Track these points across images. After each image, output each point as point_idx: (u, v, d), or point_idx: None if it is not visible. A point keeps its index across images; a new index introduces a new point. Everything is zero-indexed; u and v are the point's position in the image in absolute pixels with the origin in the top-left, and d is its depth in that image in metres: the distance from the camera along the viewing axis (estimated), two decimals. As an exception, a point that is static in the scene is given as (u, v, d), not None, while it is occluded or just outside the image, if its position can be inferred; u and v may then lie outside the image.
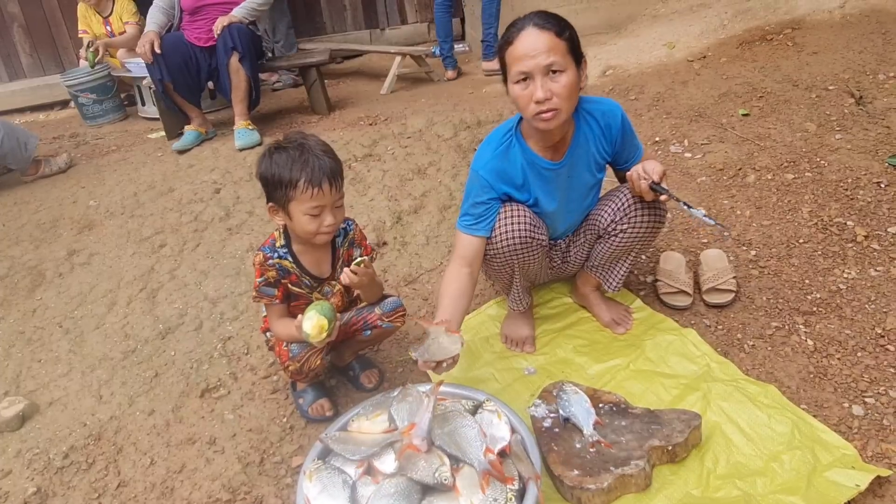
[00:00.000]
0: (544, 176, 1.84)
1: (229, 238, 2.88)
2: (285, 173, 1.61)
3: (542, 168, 1.83)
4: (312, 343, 1.63)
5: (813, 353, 1.91)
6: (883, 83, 3.17)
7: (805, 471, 1.53)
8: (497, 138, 1.84)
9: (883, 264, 2.18)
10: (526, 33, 1.63)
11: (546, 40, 1.61)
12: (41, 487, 1.80)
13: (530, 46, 1.61)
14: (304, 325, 1.59)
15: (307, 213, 1.63)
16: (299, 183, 1.59)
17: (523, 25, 1.64)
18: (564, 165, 1.83)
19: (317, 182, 1.60)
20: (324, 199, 1.62)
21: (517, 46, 1.64)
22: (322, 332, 1.59)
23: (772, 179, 2.71)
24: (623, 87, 3.80)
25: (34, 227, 3.13)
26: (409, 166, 3.24)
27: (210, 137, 3.89)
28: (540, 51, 1.60)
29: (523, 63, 1.62)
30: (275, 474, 1.77)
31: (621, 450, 1.59)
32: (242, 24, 3.62)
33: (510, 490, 1.42)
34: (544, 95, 1.61)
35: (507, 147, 1.81)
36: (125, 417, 2.02)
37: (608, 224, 1.91)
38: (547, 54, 1.60)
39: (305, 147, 1.64)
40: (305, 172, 1.59)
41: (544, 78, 1.62)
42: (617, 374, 1.93)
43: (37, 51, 5.61)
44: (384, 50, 5.28)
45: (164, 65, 3.57)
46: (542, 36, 1.61)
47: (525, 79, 1.63)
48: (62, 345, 2.36)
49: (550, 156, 1.82)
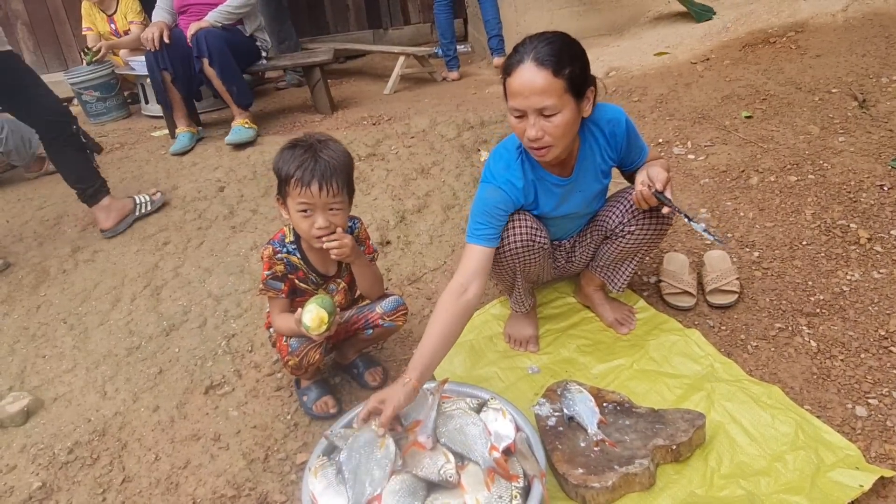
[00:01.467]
0: (553, 192, 1.84)
1: (233, 236, 2.88)
2: (285, 168, 1.65)
3: (551, 184, 1.83)
4: (311, 336, 1.64)
5: (816, 354, 1.92)
6: (886, 86, 3.18)
7: (809, 471, 1.54)
8: (510, 154, 1.81)
9: (886, 267, 2.19)
10: (523, 68, 1.56)
11: (542, 80, 1.54)
12: (46, 482, 1.80)
13: (525, 84, 1.56)
14: (304, 318, 1.61)
15: (298, 210, 1.66)
16: (292, 179, 1.63)
17: (522, 57, 1.57)
18: (572, 181, 1.84)
19: (306, 182, 1.61)
20: (312, 199, 1.63)
21: (514, 79, 1.59)
22: (321, 324, 1.60)
23: (775, 181, 2.72)
24: (626, 88, 3.81)
25: (38, 223, 3.13)
26: (413, 166, 3.25)
27: (199, 138, 3.89)
28: (534, 91, 1.55)
29: (517, 100, 1.59)
30: (279, 471, 1.78)
31: (625, 449, 1.59)
32: (215, 27, 3.61)
33: (515, 487, 1.43)
34: (536, 135, 1.60)
35: (521, 164, 1.80)
36: (129, 413, 2.02)
37: (616, 225, 1.92)
38: (540, 97, 1.55)
39: (313, 147, 1.66)
40: (300, 170, 1.62)
41: (537, 117, 1.59)
42: (620, 374, 1.93)
43: (40, 48, 5.62)
44: (387, 50, 5.29)
45: (167, 55, 3.58)
46: (538, 75, 1.54)
47: (520, 115, 1.62)
48: (66, 341, 2.37)
49: (558, 172, 1.81)
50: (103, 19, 4.75)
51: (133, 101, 5.02)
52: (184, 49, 3.65)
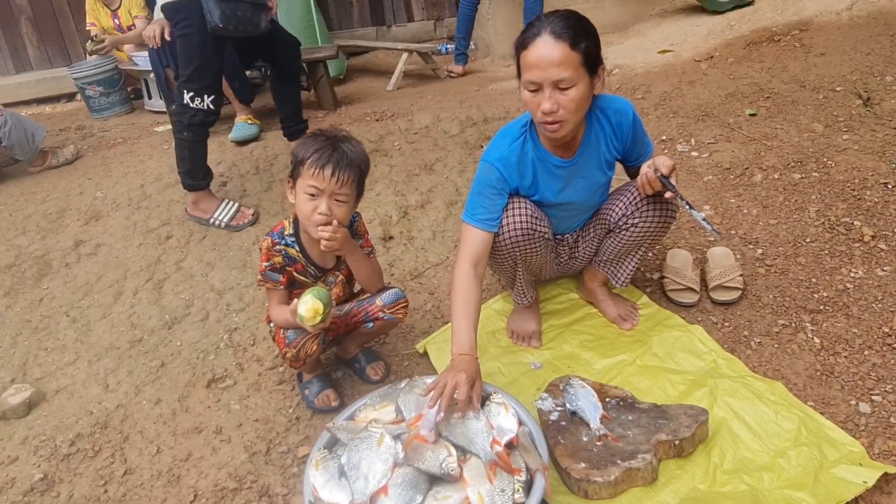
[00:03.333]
0: (554, 174, 1.84)
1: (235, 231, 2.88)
2: (303, 151, 1.70)
3: (552, 165, 1.83)
4: (306, 327, 1.64)
5: (820, 350, 1.91)
6: (890, 85, 3.17)
7: (812, 467, 1.53)
8: (513, 132, 1.83)
9: (890, 264, 2.18)
10: (541, 41, 1.57)
11: (559, 52, 1.55)
12: (48, 474, 1.80)
13: (543, 57, 1.57)
14: (299, 308, 1.61)
15: (306, 191, 1.68)
16: (308, 160, 1.67)
17: (539, 31, 1.58)
18: (574, 164, 1.83)
19: (321, 164, 1.66)
20: (322, 183, 1.66)
21: (530, 52, 1.60)
22: (317, 315, 1.61)
23: (779, 179, 2.71)
24: (630, 86, 3.80)
25: (41, 217, 3.13)
26: (416, 162, 3.25)
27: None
28: (551, 63, 1.56)
29: (534, 73, 1.60)
30: (281, 464, 1.78)
31: (628, 444, 1.59)
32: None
33: (517, 481, 1.43)
34: (551, 108, 1.61)
35: (523, 142, 1.81)
36: (131, 406, 2.02)
37: (619, 218, 1.91)
38: (558, 68, 1.56)
39: (335, 138, 1.72)
40: (317, 153, 1.67)
41: (553, 90, 1.59)
42: (623, 370, 1.93)
43: (44, 43, 5.62)
44: (391, 46, 5.29)
45: (169, 52, 3.58)
46: (556, 47, 1.55)
47: (535, 88, 1.63)
48: (69, 334, 2.37)
49: (561, 153, 1.82)
50: (107, 14, 4.75)
51: (137, 96, 5.03)
52: None
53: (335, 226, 1.69)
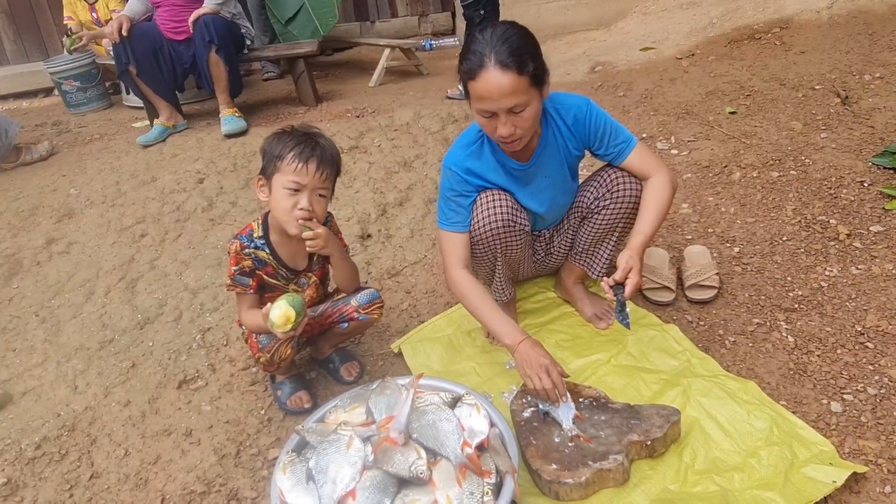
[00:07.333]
0: (515, 176, 1.85)
1: (211, 229, 2.84)
2: (279, 147, 1.67)
3: (511, 169, 1.83)
4: (276, 333, 1.62)
5: (793, 349, 1.91)
6: (868, 83, 3.18)
7: (783, 467, 1.53)
8: (470, 137, 1.83)
9: (864, 262, 2.19)
10: (487, 74, 1.53)
11: (508, 82, 1.53)
12: (11, 478, 1.76)
13: (492, 89, 1.54)
14: (272, 313, 1.59)
15: (286, 186, 1.65)
16: (287, 155, 1.64)
17: (483, 62, 1.53)
18: (533, 165, 1.84)
19: (304, 158, 1.64)
20: (305, 178, 1.64)
21: (479, 84, 1.56)
22: (288, 322, 1.58)
23: (757, 177, 2.71)
24: (612, 83, 3.79)
25: (12, 214, 3.07)
26: (396, 159, 3.22)
27: (179, 130, 3.82)
28: (502, 94, 1.54)
29: (486, 103, 1.58)
30: (251, 466, 1.75)
31: (600, 444, 1.58)
32: (217, 14, 3.57)
33: (487, 484, 1.41)
34: (508, 133, 1.61)
35: (480, 146, 1.81)
36: (100, 408, 1.99)
37: (591, 202, 1.93)
38: (509, 98, 1.54)
39: (311, 134, 1.70)
40: (298, 148, 1.65)
41: (508, 116, 1.59)
42: (598, 369, 1.92)
43: (21, 37, 5.53)
44: (373, 42, 5.24)
45: (131, 49, 3.52)
46: (504, 77, 1.52)
47: (489, 115, 1.61)
48: (38, 334, 2.32)
49: (518, 157, 1.82)
50: (85, 8, 4.67)
51: (115, 91, 4.95)
52: (153, 42, 3.59)
53: (315, 223, 1.68)
